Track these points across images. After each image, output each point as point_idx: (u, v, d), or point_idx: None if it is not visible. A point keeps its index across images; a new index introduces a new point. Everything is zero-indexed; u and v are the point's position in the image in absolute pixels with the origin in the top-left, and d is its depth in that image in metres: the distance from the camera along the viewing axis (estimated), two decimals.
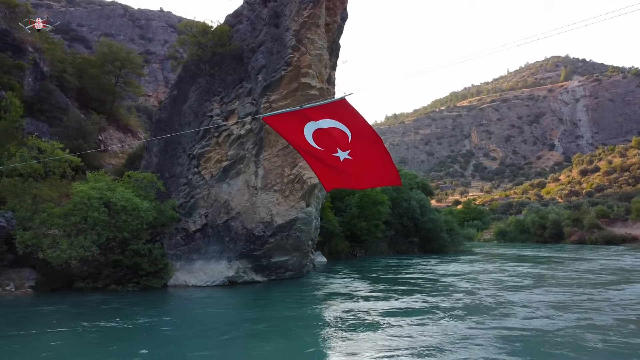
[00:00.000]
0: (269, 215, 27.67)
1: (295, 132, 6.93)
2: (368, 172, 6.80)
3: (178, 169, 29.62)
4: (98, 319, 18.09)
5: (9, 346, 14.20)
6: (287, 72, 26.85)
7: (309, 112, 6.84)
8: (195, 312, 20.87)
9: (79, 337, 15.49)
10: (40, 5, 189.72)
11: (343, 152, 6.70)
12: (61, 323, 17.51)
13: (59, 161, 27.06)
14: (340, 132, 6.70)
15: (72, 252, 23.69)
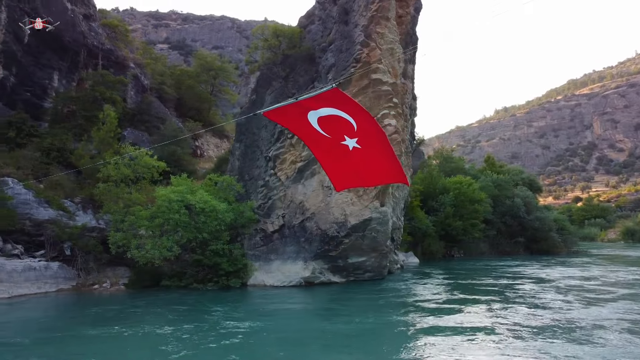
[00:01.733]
0: (342, 216, 27.26)
1: (299, 122, 6.77)
2: (377, 164, 6.57)
3: (256, 171, 30.34)
4: (180, 315, 19.21)
5: (106, 339, 15.44)
6: (357, 69, 26.28)
7: (306, 102, 6.60)
8: (269, 312, 20.75)
9: (163, 331, 16.41)
10: (160, 25, 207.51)
11: (351, 140, 6.51)
12: (150, 318, 19.06)
13: (147, 167, 29.03)
14: (344, 120, 6.50)
15: (155, 252, 25.20)
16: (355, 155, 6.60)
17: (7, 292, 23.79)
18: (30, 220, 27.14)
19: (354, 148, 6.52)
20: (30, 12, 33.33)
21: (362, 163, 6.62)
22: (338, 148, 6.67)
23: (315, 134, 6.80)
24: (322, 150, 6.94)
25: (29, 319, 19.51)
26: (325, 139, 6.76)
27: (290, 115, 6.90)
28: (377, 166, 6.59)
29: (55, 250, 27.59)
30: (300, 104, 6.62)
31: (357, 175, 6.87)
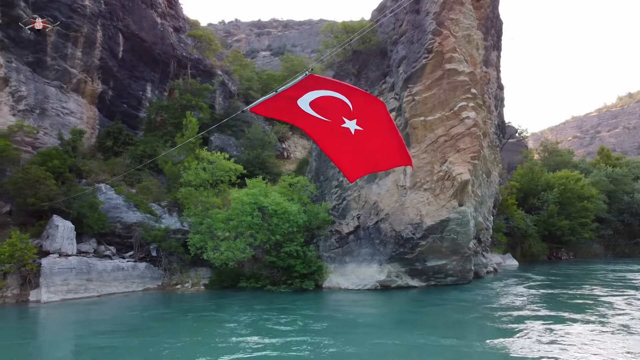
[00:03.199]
0: (418, 216, 25.73)
1: (291, 111, 6.37)
2: (383, 146, 6.14)
3: (331, 172, 29.77)
4: (253, 316, 19.34)
5: (183, 335, 16.16)
6: (429, 60, 24.64)
7: (288, 93, 6.18)
8: (344, 319, 19.88)
9: (239, 329, 16.83)
10: (262, 33, 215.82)
11: (351, 122, 6.13)
12: (226, 316, 19.81)
13: (224, 170, 29.72)
14: (338, 100, 6.07)
15: (229, 253, 25.63)
16: (359, 139, 6.16)
17: (96, 291, 25.57)
18: (121, 223, 29.02)
19: (355, 131, 6.10)
20: (123, 29, 35.85)
21: (368, 146, 6.19)
22: (340, 132, 6.25)
23: (313, 120, 6.42)
24: (325, 137, 6.53)
25: (118, 315, 21.08)
26: (325, 124, 6.37)
27: (280, 106, 6.49)
28: (385, 148, 6.13)
29: (142, 251, 29.25)
30: (282, 95, 6.19)
31: (366, 160, 6.39)
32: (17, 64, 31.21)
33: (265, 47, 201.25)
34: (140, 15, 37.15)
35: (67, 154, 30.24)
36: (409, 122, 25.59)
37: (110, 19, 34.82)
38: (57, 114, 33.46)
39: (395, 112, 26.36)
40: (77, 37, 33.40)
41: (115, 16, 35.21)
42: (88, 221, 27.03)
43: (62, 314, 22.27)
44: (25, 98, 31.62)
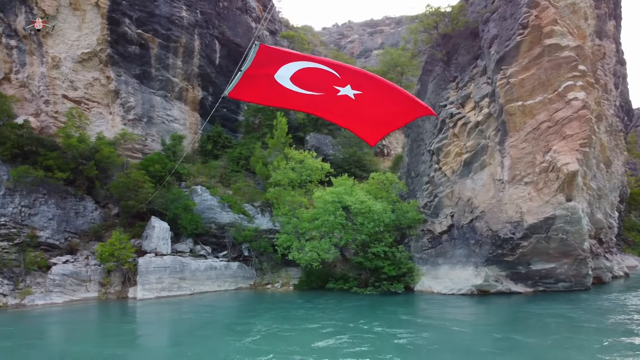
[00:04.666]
0: (517, 214, 22.82)
1: (272, 90, 6.11)
2: (394, 102, 5.81)
3: (421, 167, 27.80)
4: (340, 319, 18.57)
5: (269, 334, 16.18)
6: (524, 36, 21.73)
7: (259, 70, 5.88)
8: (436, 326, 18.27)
9: (322, 331, 16.40)
10: (375, 32, 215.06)
11: (345, 88, 5.84)
12: (312, 317, 19.50)
13: (312, 170, 29.19)
14: (320, 70, 5.83)
15: (313, 254, 24.97)
16: (363, 102, 5.89)
17: (189, 289, 26.45)
18: (215, 224, 29.86)
19: (355, 95, 5.84)
20: (219, 36, 37.14)
21: (376, 106, 5.92)
22: (340, 101, 5.99)
23: (302, 97, 6.13)
24: (327, 110, 6.32)
25: (211, 312, 21.65)
26: (318, 98, 6.12)
27: (260, 88, 6.22)
28: (397, 102, 5.79)
29: (235, 251, 29.80)
30: (254, 75, 5.94)
31: (380, 120, 6.11)
32: (125, 77, 33.69)
33: (378, 46, 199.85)
34: (235, 22, 38.23)
35: (168, 158, 31.88)
36: (504, 108, 22.82)
37: (206, 27, 36.23)
38: (162, 122, 35.58)
39: (488, 98, 23.71)
40: (177, 48, 35.20)
41: (211, 24, 36.57)
42: (182, 222, 28.13)
43: (157, 310, 23.29)
44: (134, 108, 34.02)
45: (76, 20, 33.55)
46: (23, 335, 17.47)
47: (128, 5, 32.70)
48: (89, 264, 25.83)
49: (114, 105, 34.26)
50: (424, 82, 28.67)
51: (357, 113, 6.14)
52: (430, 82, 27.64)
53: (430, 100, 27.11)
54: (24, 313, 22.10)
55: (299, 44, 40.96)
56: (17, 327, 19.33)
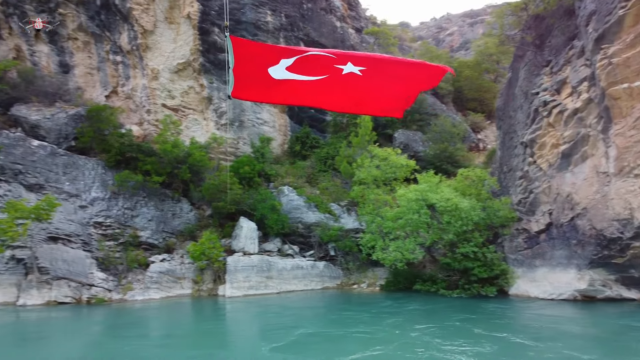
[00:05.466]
0: (626, 210, 20.22)
1: (272, 88, 5.82)
2: (402, 71, 5.56)
3: (514, 161, 25.80)
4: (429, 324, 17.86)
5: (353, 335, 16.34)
6: (627, 9, 19.20)
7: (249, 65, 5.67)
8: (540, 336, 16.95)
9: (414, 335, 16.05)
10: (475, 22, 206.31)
11: (346, 66, 5.50)
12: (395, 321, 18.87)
13: (396, 167, 28.38)
14: (313, 55, 5.61)
15: (397, 254, 24.23)
16: (371, 75, 5.52)
17: (276, 288, 26.93)
18: (302, 224, 30.14)
19: (361, 71, 5.45)
20: (304, 37, 37.50)
21: (386, 78, 5.55)
22: (348, 81, 5.54)
23: (308, 87, 5.70)
24: (338, 98, 5.87)
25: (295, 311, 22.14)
26: (325, 82, 5.63)
27: (258, 86, 5.89)
28: (404, 72, 5.53)
29: (322, 250, 29.83)
30: (244, 71, 5.71)
31: (396, 90, 5.66)
32: (217, 84, 35.23)
33: (479, 37, 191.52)
34: (319, 22, 38.38)
35: (257, 160, 32.79)
36: (606, 92, 20.36)
37: (291, 30, 36.78)
38: (252, 125, 36.73)
39: (587, 82, 21.31)
40: None
41: (296, 27, 37.04)
42: (269, 222, 28.72)
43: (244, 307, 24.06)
44: (226, 113, 35.46)
45: (171, 33, 35.73)
46: (130, 327, 19.08)
47: (216, 15, 34.13)
48: (184, 262, 27.28)
49: (207, 111, 36.01)
50: (515, 69, 26.58)
51: (369, 89, 5.71)
52: (521, 69, 25.55)
53: (522, 89, 25.07)
54: (125, 307, 23.89)
55: (384, 39, 40.17)
56: (122, 320, 21.08)
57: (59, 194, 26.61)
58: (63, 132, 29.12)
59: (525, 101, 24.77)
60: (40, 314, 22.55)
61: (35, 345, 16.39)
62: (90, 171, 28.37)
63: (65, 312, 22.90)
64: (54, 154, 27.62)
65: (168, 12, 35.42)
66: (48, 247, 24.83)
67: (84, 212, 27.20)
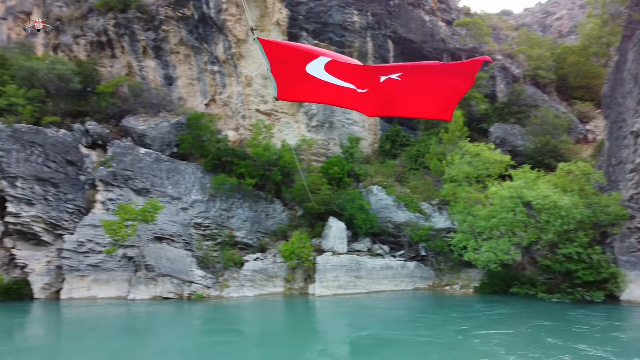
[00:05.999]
0: None
1: (314, 88, 5.68)
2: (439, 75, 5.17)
3: (624, 153, 23.39)
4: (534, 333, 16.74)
5: (462, 339, 15.94)
6: None
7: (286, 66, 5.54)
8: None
9: (511, 341, 15.46)
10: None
11: (385, 75, 5.27)
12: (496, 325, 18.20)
13: (489, 163, 27.05)
14: (341, 63, 5.33)
15: (490, 255, 23.10)
16: (411, 80, 5.22)
17: (365, 288, 26.87)
18: (391, 223, 29.77)
19: (399, 76, 5.18)
20: (391, 35, 37.04)
21: (426, 82, 5.24)
22: (387, 87, 5.28)
23: (348, 93, 5.52)
24: (379, 103, 5.56)
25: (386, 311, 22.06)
26: (367, 88, 5.41)
27: (301, 85, 5.71)
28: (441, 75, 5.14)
29: (412, 250, 29.24)
30: (283, 72, 5.50)
31: (441, 93, 5.26)
32: None
33: None
34: (407, 18, 37.63)
35: (346, 160, 32.95)
36: None
37: (378, 28, 36.49)
38: (342, 125, 37.01)
39: None
40: (351, 52, 36.18)
41: (383, 24, 36.66)
42: (357, 222, 28.73)
43: (331, 306, 24.35)
44: (316, 115, 36.08)
45: None
46: (228, 323, 20.39)
47: (304, 19, 34.87)
48: (276, 261, 28.17)
49: (298, 114, 36.90)
50: (623, 51, 24.08)
51: (412, 93, 5.39)
52: (629, 50, 23.09)
53: (631, 72, 22.64)
54: (222, 303, 25.22)
55: (476, 30, 38.33)
56: (221, 315, 22.42)
57: (163, 197, 28.76)
58: (166, 140, 31.43)
59: (635, 86, 22.37)
60: (148, 307, 24.54)
61: (146, 335, 17.98)
62: (190, 175, 30.31)
63: (169, 306, 24.71)
64: (159, 160, 29.88)
65: (259, 21, 36.84)
66: (154, 247, 26.94)
67: (185, 214, 29.14)
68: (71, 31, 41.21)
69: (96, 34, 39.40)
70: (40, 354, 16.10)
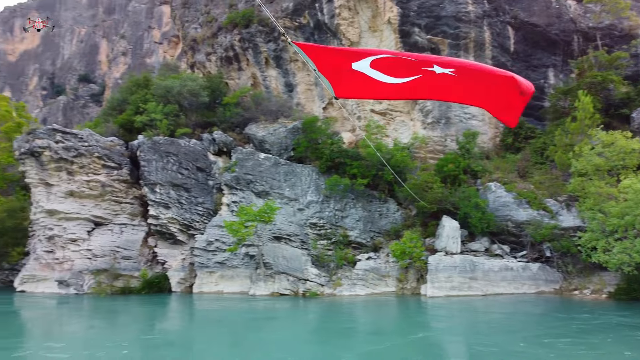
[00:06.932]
0: None
1: (367, 85, 5.53)
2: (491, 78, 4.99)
3: None
4: None
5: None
6: None
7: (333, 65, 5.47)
8: None
9: None
10: None
11: (433, 68, 5.18)
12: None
13: (623, 153, 24.12)
14: (392, 59, 5.27)
15: (623, 256, 20.64)
16: (467, 77, 5.05)
17: (481, 290, 25.61)
18: (511, 222, 28.00)
19: (453, 72, 5.02)
20: (511, 21, 34.71)
21: (482, 81, 5.03)
22: (444, 79, 5.11)
23: (402, 86, 5.39)
24: (439, 90, 5.35)
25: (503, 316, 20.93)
26: (419, 80, 5.24)
27: (354, 83, 5.56)
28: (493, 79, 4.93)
29: (535, 251, 27.16)
30: (332, 70, 5.45)
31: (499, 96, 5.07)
32: None
33: None
34: (528, 1, 34.91)
35: (463, 157, 31.70)
36: None
37: (495, 15, 34.44)
38: (460, 120, 35.65)
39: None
40: (467, 44, 34.69)
41: (501, 11, 34.51)
42: (472, 221, 27.48)
43: (443, 308, 23.69)
44: (432, 112, 35.30)
45: (375, 41, 37.34)
46: (343, 320, 21.01)
47: (415, 15, 34.27)
48: (389, 260, 28.15)
49: (413, 112, 36.41)
50: None
51: (471, 87, 5.20)
52: None
53: None
54: (335, 301, 25.93)
55: (613, 4, 33.90)
56: (336, 312, 23.10)
57: (281, 199, 30.41)
58: (283, 144, 33.18)
59: None
60: (267, 303, 26.16)
61: (271, 328, 19.33)
62: (306, 177, 31.60)
63: (286, 302, 26.07)
64: (277, 164, 31.64)
65: (371, 21, 37.16)
66: (272, 246, 28.62)
67: (302, 215, 30.48)
68: (204, 49, 45.50)
69: (224, 50, 42.98)
70: (182, 340, 18.16)
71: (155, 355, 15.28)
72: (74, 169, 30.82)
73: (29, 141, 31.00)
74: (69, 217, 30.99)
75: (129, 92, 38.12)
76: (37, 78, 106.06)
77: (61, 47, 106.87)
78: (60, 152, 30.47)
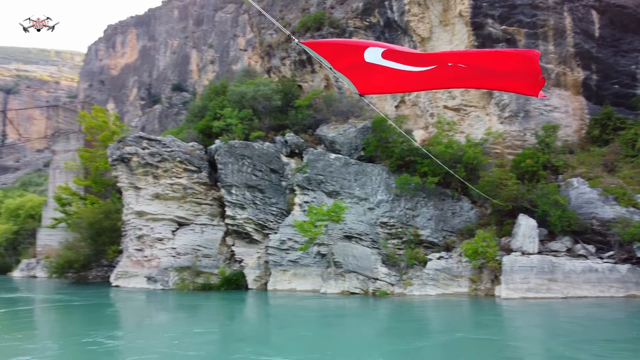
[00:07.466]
0: None
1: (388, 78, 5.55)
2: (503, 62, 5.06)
3: None
4: None
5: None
6: None
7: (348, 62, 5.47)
8: None
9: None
10: None
11: (451, 62, 5.21)
12: None
13: None
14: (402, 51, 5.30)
15: None
16: (479, 66, 5.14)
17: (560, 292, 24.19)
18: (596, 220, 26.17)
19: (464, 64, 5.11)
20: (594, 4, 32.31)
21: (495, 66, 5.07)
22: (457, 69, 5.14)
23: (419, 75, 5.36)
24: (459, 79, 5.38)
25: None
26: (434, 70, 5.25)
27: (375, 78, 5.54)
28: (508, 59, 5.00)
29: (624, 251, 25.15)
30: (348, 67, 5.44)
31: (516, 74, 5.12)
32: None
33: None
34: None
35: (542, 151, 30.06)
36: None
37: (576, 0, 32.26)
38: (540, 113, 33.78)
39: None
40: (546, 32, 32.79)
41: None
42: (551, 219, 25.99)
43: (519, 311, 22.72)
44: (508, 105, 33.81)
45: (447, 36, 36.43)
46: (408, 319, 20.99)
47: (488, 6, 32.97)
48: (461, 260, 27.37)
49: (489, 106, 35.04)
50: None
51: (485, 73, 5.21)
52: None
53: None
54: (405, 301, 25.75)
55: None
56: (406, 312, 23.03)
57: (351, 198, 30.62)
58: (353, 144, 33.33)
59: None
60: (338, 301, 26.53)
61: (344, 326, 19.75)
62: (376, 176, 31.53)
63: (356, 301, 26.27)
64: (347, 164, 31.87)
65: (442, 16, 36.27)
66: (342, 245, 28.91)
67: (372, 214, 30.47)
68: (279, 54, 46.79)
69: (297, 54, 43.91)
70: (259, 335, 19.14)
71: (235, 347, 16.27)
72: (158, 173, 33.08)
73: (119, 148, 33.80)
74: (155, 218, 33.33)
75: (208, 99, 40.16)
76: (137, 89, 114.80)
77: (156, 59, 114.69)
78: (146, 157, 32.87)
